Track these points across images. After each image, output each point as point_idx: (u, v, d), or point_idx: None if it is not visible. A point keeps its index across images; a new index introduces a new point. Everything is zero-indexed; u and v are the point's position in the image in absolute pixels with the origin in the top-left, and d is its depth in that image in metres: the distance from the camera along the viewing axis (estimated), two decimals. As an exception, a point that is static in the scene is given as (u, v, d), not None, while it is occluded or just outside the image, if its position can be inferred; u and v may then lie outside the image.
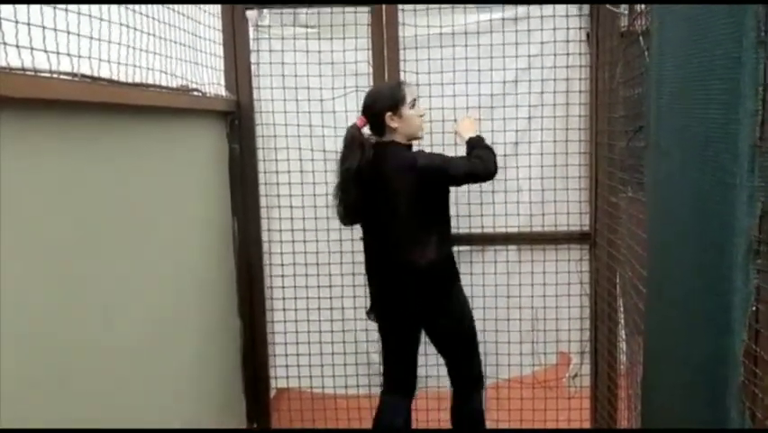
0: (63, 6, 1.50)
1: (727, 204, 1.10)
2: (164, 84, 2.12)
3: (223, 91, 2.74)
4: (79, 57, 1.58)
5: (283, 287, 2.96)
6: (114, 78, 1.76)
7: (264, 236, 2.93)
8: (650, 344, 1.55)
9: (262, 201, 2.90)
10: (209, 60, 2.62)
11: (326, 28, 2.81)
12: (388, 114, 2.37)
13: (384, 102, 2.38)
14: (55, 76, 1.46)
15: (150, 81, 2.01)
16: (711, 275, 1.14)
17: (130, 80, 1.85)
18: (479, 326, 2.94)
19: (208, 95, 2.55)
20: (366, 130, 2.42)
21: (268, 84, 2.84)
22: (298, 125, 2.86)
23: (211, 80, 2.61)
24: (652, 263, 1.52)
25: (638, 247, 2.15)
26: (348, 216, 2.47)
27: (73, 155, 1.54)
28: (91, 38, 1.64)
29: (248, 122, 2.82)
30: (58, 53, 1.48)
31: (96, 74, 1.66)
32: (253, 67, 2.82)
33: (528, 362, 2.99)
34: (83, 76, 1.58)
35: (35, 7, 1.38)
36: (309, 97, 2.84)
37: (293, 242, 2.92)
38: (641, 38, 2.05)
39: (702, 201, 1.18)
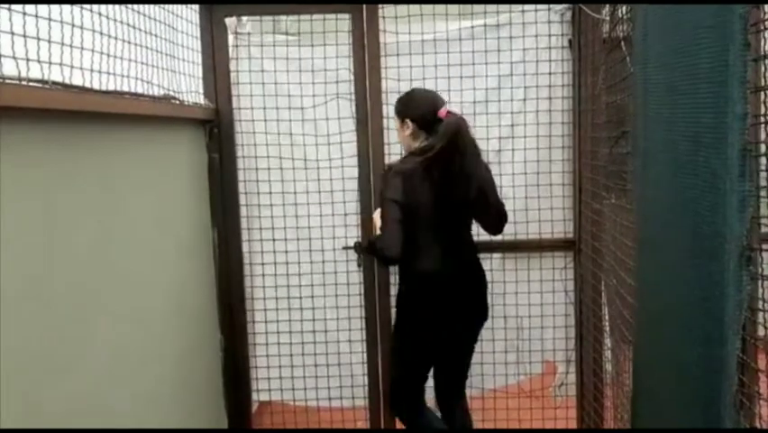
0: (33, 12, 1.45)
1: (718, 210, 1.07)
2: (140, 92, 2.07)
3: (201, 99, 2.69)
4: (50, 63, 1.53)
5: (264, 298, 2.91)
6: (88, 85, 1.71)
7: (245, 247, 2.87)
8: (639, 353, 1.53)
9: (243, 211, 2.85)
10: (187, 68, 2.57)
11: (307, 35, 2.77)
12: None
13: None
14: (24, 83, 1.41)
15: (126, 89, 1.96)
16: (703, 283, 1.11)
17: (104, 88, 1.80)
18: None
19: (186, 103, 2.49)
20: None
21: (247, 92, 2.80)
22: (279, 134, 2.82)
23: (189, 88, 2.56)
24: (640, 270, 1.49)
25: (623, 255, 2.13)
26: None
27: (43, 165, 1.48)
28: (62, 44, 1.58)
29: (227, 130, 2.77)
30: (27, 60, 1.43)
31: (67, 81, 1.61)
32: (233, 74, 2.78)
33: (513, 371, 2.96)
34: (54, 83, 1.53)
35: (4, 13, 1.33)
36: (290, 105, 2.80)
37: (274, 252, 2.87)
38: (623, 43, 2.04)
39: (692, 207, 1.15)
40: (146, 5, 2.14)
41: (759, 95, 1.04)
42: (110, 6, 1.85)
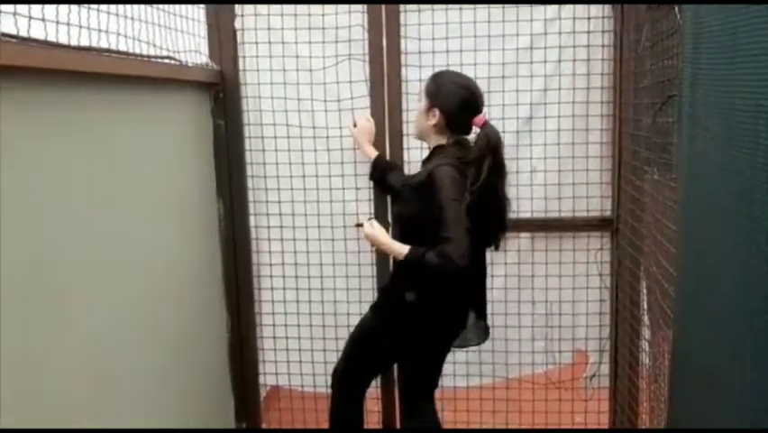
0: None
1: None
2: (134, 51, 1.89)
3: (205, 60, 2.49)
4: (15, 15, 1.34)
5: (272, 276, 2.72)
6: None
7: (251, 221, 2.68)
8: (679, 347, 1.29)
9: (249, 183, 2.65)
10: (189, 26, 2.36)
11: (317, -11, 2.53)
12: None
13: None
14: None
15: (123, 48, 1.79)
16: (762, 267, 0.87)
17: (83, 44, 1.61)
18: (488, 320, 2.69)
19: (188, 64, 2.29)
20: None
21: (253, 52, 2.57)
22: (286, 99, 2.59)
23: (190, 48, 2.36)
24: (683, 252, 1.25)
25: (663, 238, 1.88)
26: None
27: (17, 130, 1.30)
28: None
29: (233, 95, 2.56)
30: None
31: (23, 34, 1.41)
32: (238, 33, 2.55)
33: (541, 360, 2.73)
34: (4, 35, 1.34)
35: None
36: (298, 67, 2.57)
37: (281, 227, 2.67)
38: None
39: (750, 182, 0.90)
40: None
41: None
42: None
